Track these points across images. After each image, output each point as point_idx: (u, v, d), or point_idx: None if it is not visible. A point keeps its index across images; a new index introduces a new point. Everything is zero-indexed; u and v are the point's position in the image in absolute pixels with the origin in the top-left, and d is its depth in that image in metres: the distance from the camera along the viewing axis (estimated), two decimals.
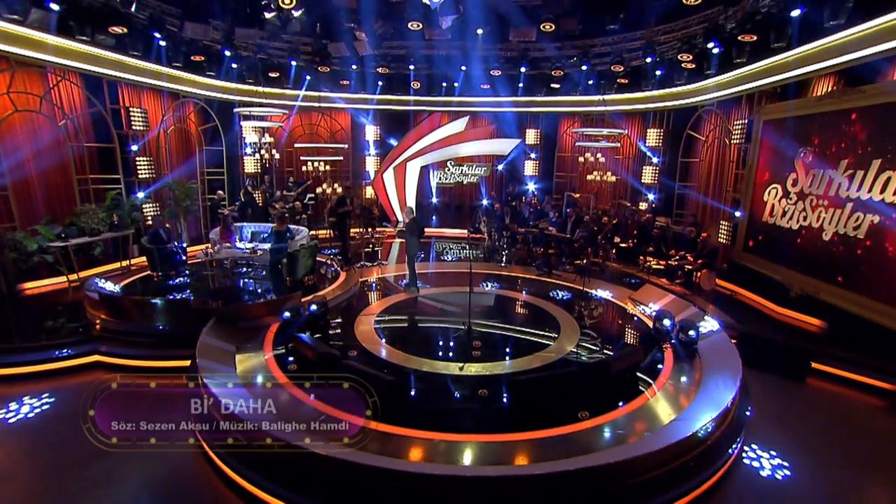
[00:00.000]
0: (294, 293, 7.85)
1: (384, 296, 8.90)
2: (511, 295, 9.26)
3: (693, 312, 7.57)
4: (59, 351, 6.43)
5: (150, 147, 11.68)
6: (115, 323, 7.14)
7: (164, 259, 9.52)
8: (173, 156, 12.60)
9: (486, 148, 15.92)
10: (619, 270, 10.99)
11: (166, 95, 12.19)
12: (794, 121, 8.90)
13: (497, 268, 11.01)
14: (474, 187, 17.72)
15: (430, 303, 8.75)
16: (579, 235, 10.73)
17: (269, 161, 13.52)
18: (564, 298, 9.04)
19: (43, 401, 5.65)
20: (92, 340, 6.72)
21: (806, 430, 5.41)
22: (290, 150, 16.11)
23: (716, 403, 5.05)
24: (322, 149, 15.06)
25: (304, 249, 9.32)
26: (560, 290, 9.51)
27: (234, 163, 14.44)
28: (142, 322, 7.09)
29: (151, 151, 11.66)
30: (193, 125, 13.26)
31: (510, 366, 6.22)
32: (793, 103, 8.97)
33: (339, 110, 16.57)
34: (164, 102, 12.14)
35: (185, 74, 12.22)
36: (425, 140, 15.08)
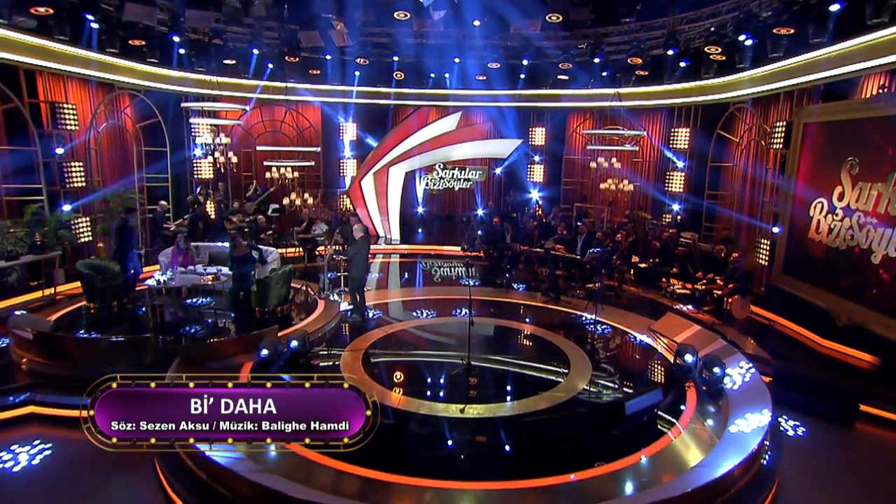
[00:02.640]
0: (270, 327, 8.05)
1: (371, 327, 9.10)
2: (513, 325, 9.44)
3: (720, 346, 7.83)
4: None
5: (79, 150, 11.68)
6: (50, 366, 7.08)
7: (108, 286, 9.55)
8: (105, 159, 12.66)
9: (481, 150, 16.59)
10: (637, 296, 11.17)
11: (97, 87, 12.22)
12: (839, 125, 9.18)
13: (496, 293, 11.19)
14: (468, 194, 17.99)
15: (423, 335, 8.95)
16: (591, 255, 10.89)
17: (224, 165, 13.73)
18: (574, 329, 9.23)
19: None
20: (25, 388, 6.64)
21: (851, 484, 5.53)
22: (248, 152, 16.29)
23: (742, 448, 5.35)
24: (288, 151, 15.33)
25: (276, 275, 9.39)
26: (569, 320, 9.70)
27: (181, 167, 14.60)
28: (87, 365, 6.94)
29: (80, 155, 11.68)
30: (131, 123, 13.36)
31: (515, 406, 6.51)
32: (837, 105, 9.30)
33: (309, 104, 16.79)
34: (94, 95, 12.17)
35: (122, 62, 12.32)
36: (411, 140, 15.70)
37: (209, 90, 13.97)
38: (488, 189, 17.99)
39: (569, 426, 6.12)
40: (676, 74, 13.19)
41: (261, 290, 9.34)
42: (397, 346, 8.50)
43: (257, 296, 9.36)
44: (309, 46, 13.20)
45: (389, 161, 15.80)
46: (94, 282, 9.58)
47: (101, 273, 9.77)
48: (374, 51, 14.80)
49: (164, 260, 10.91)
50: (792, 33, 9.49)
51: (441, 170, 17.08)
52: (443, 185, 17.19)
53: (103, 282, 9.68)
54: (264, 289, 9.31)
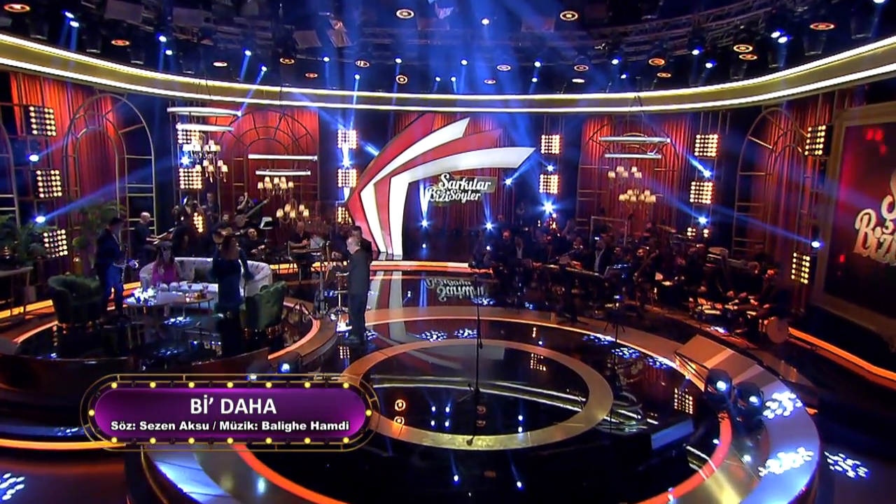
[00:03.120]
0: (259, 349, 7.97)
1: (370, 350, 9.08)
2: (525, 348, 9.42)
3: (757, 373, 7.69)
4: None
5: (55, 157, 11.70)
6: (15, 393, 7.01)
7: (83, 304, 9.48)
8: (84, 167, 12.70)
9: (490, 159, 16.63)
10: (661, 316, 11.13)
11: (76, 90, 12.28)
12: (887, 128, 9.11)
13: (506, 313, 11.17)
14: (476, 207, 18.08)
15: (426, 358, 8.93)
16: (610, 272, 10.91)
17: (213, 175, 13.73)
18: (593, 353, 9.18)
19: None
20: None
21: None
22: (239, 161, 16.39)
23: (786, 490, 5.18)
24: (283, 160, 15.41)
25: (267, 293, 9.33)
26: (587, 343, 9.67)
27: (167, 177, 14.63)
28: (56, 391, 6.87)
29: (56, 163, 11.68)
30: (113, 129, 13.44)
31: (528, 438, 6.45)
32: (884, 106, 9.18)
33: (305, 110, 16.92)
34: (73, 99, 12.25)
35: (104, 63, 12.40)
36: (415, 149, 15.71)
37: (198, 94, 14.02)
38: (498, 201, 18.00)
39: (588, 461, 6.05)
40: (702, 76, 13.19)
41: (250, 309, 9.24)
42: (399, 370, 8.49)
43: (246, 315, 9.27)
44: (305, 47, 13.26)
45: (391, 171, 15.79)
46: (68, 299, 9.47)
47: (75, 290, 9.66)
48: (375, 52, 14.89)
49: (145, 276, 10.83)
50: (831, 29, 9.39)
51: (447, 181, 17.09)
52: (449, 197, 17.19)
53: (78, 299, 9.56)
54: (254, 307, 9.21)
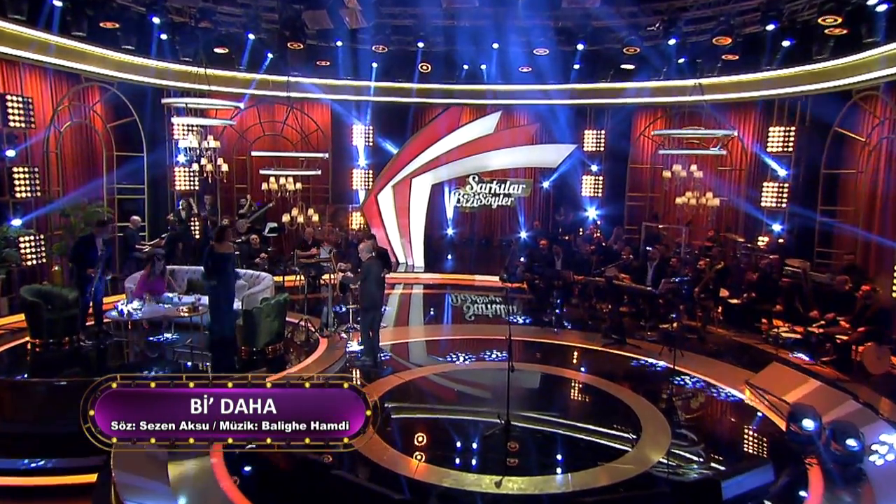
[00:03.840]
0: (256, 370, 7.96)
1: (384, 373, 9.03)
2: (565, 374, 9.32)
3: (852, 409, 7.35)
4: None
5: (35, 153, 11.68)
6: None
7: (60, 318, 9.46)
8: (68, 164, 12.69)
9: (526, 157, 16.47)
10: (728, 339, 10.92)
11: (59, 78, 12.29)
12: None
13: (543, 333, 11.07)
14: (509, 213, 17.84)
15: (449, 384, 8.85)
16: (665, 286, 10.73)
17: (211, 174, 13.62)
18: (646, 381, 9.01)
19: None
20: None
21: None
22: (242, 160, 16.40)
23: None
24: (290, 158, 15.38)
25: (267, 306, 9.24)
26: (639, 369, 9.50)
27: (160, 177, 14.62)
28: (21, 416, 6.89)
29: (36, 159, 11.67)
30: (101, 121, 13.45)
31: (568, 482, 6.30)
32: None
33: (316, 102, 16.83)
34: (56, 87, 12.26)
35: (90, 48, 12.38)
36: (439, 146, 15.61)
37: (195, 84, 13.98)
38: (534, 206, 17.89)
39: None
40: (777, 57, 12.73)
41: (247, 324, 9.11)
42: (417, 397, 8.44)
43: (243, 331, 9.18)
44: (315, 30, 13.26)
45: (412, 171, 15.70)
46: (41, 312, 9.40)
47: (50, 301, 9.62)
48: (395, 36, 14.80)
49: (130, 286, 10.77)
50: None
51: (476, 183, 17.10)
52: (478, 201, 17.18)
53: (53, 312, 9.51)
54: (252, 322, 9.07)
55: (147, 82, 13.99)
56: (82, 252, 9.73)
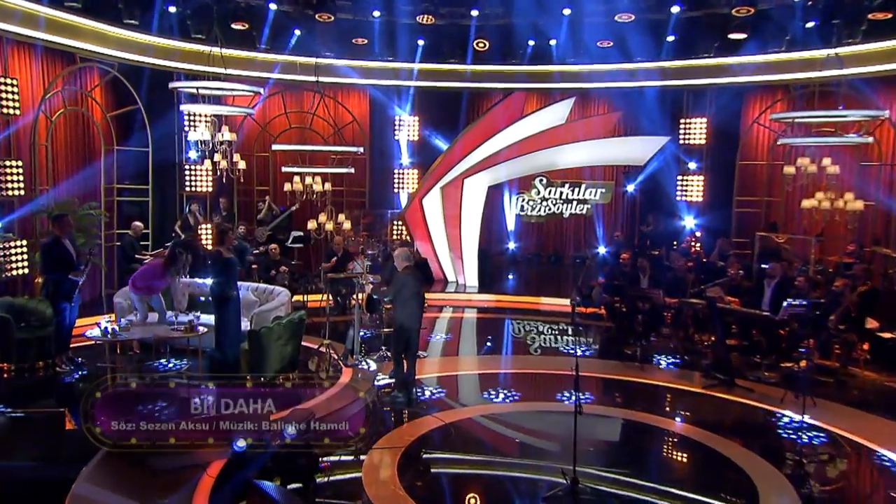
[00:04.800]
0: None
1: (419, 414, 8.89)
2: (652, 421, 8.88)
3: None
4: None
5: (20, 144, 11.68)
6: None
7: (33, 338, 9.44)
8: (60, 158, 12.78)
9: (605, 153, 15.98)
10: (879, 384, 10.43)
11: (50, 57, 12.33)
12: None
13: (624, 369, 10.78)
14: (584, 224, 17.96)
15: (501, 429, 8.69)
16: (789, 312, 10.36)
17: (226, 172, 13.29)
18: (762, 435, 8.58)
19: None
20: None
21: None
22: (264, 156, 16.58)
23: None
24: (320, 154, 15.27)
25: (278, 326, 9.13)
26: (753, 419, 9.08)
27: (168, 175, 14.67)
28: None
29: (22, 151, 11.69)
30: (99, 109, 13.51)
31: None
32: None
33: (351, 89, 16.93)
34: (47, 68, 12.33)
35: (87, 22, 12.44)
36: (498, 140, 15.33)
37: (208, 67, 13.79)
38: (615, 215, 17.87)
39: None
40: None
41: (254, 348, 8.91)
42: (459, 444, 8.16)
43: (249, 356, 8.99)
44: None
45: (465, 170, 15.41)
46: (11, 330, 9.32)
47: (23, 318, 9.67)
48: (445, 8, 14.80)
49: (121, 302, 10.71)
50: None
51: (543, 186, 17.08)
52: (545, 209, 17.21)
53: (26, 330, 9.53)
54: (259, 346, 8.87)
55: (153, 64, 14.04)
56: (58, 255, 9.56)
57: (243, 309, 10.33)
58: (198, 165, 14.57)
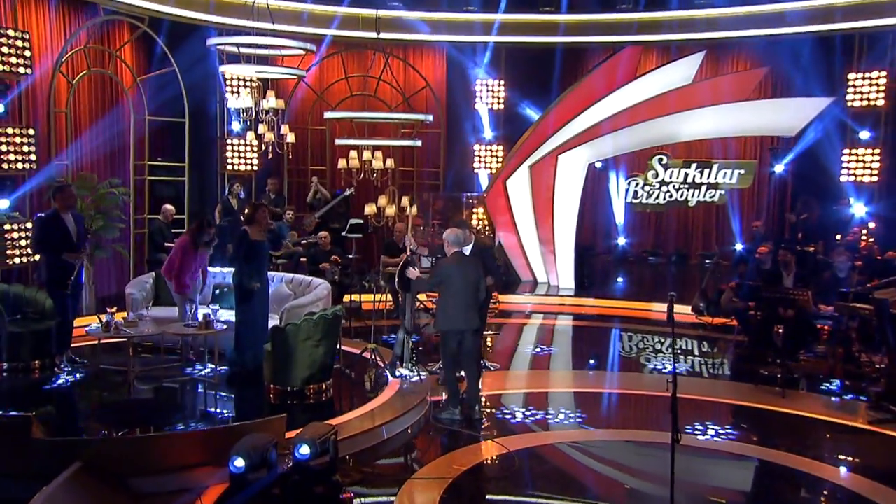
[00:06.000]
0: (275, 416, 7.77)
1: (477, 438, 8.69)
2: (798, 465, 8.23)
3: None
4: None
5: (35, 109, 11.79)
6: None
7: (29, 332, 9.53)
8: (81, 125, 12.88)
9: (744, 121, 15.31)
10: None
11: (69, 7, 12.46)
12: None
13: (760, 394, 10.19)
14: (717, 213, 17.74)
15: (579, 463, 8.55)
16: None
17: (273, 146, 13.11)
18: None
19: None
20: None
21: None
22: (320, 130, 16.56)
23: None
24: (383, 123, 15.08)
25: (307, 323, 9.00)
26: None
27: (208, 149, 14.78)
28: None
29: (35, 116, 11.79)
30: (128, 71, 13.67)
31: None
32: None
33: (425, 48, 17.16)
34: (65, 21, 12.40)
35: None
36: (601, 107, 14.90)
37: (252, 21, 13.31)
38: (757, 200, 17.39)
39: None
40: None
41: (278, 349, 8.90)
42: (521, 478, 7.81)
43: (272, 360, 9.02)
44: None
45: (560, 145, 14.87)
46: (3, 323, 9.36)
47: (18, 308, 9.78)
48: None
49: (135, 294, 10.74)
50: None
51: (663, 168, 16.75)
52: (665, 196, 16.98)
53: (20, 324, 9.60)
54: (284, 347, 8.86)
55: (189, 18, 14.14)
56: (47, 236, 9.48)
57: (274, 304, 10.40)
58: (241, 139, 14.57)
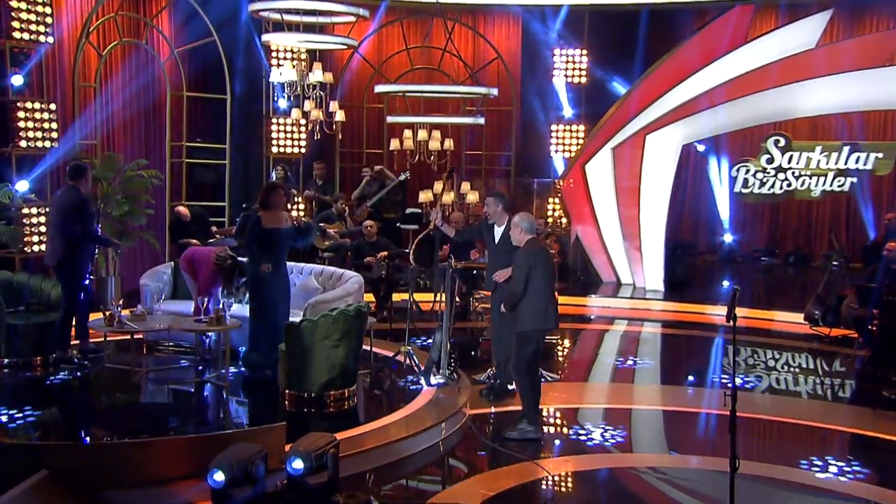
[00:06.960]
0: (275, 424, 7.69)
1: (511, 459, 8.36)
2: None
3: None
4: None
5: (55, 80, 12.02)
6: None
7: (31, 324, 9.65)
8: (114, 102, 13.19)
9: (881, 92, 14.59)
10: None
11: None
12: None
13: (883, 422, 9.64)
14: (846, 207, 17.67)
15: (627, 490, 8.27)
16: None
17: (320, 126, 13.39)
18: None
19: None
20: None
21: None
22: (377, 108, 16.57)
23: None
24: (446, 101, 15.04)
25: (325, 320, 8.94)
26: None
27: (251, 130, 15.02)
28: None
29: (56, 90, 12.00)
30: (166, 45, 13.94)
31: None
32: None
33: (497, 14, 17.56)
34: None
35: None
36: (699, 78, 14.58)
37: None
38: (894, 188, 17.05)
39: None
40: None
41: (293, 350, 8.91)
42: None
43: (287, 361, 9.03)
44: None
45: (649, 124, 14.47)
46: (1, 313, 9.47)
47: (20, 298, 10.03)
48: None
49: (148, 285, 10.86)
50: None
51: (780, 151, 16.52)
52: (782, 185, 16.89)
53: (22, 316, 9.82)
54: (299, 348, 8.88)
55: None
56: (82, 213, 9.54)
57: (300, 299, 10.41)
58: (286, 118, 14.71)
